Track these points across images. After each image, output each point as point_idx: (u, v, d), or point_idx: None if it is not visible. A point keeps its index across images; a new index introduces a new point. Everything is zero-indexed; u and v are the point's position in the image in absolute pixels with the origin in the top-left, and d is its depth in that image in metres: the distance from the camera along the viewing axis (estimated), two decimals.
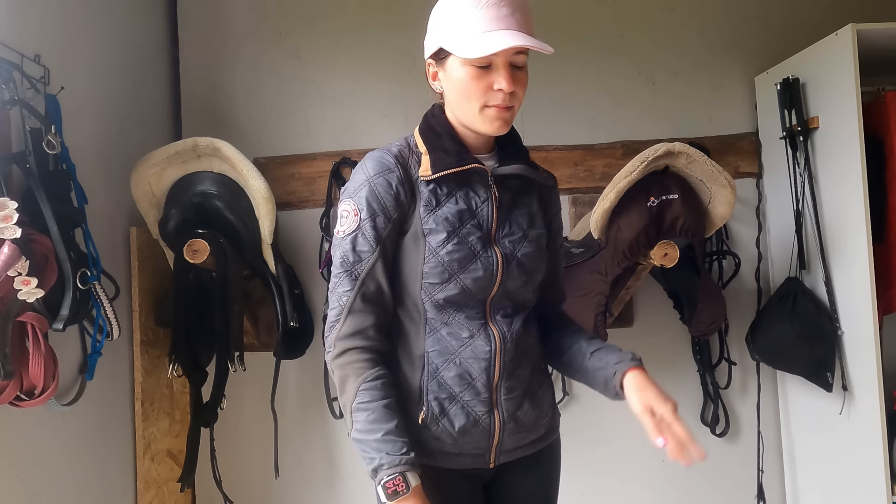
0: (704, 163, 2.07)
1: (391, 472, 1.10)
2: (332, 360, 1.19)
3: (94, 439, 1.92)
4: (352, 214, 1.20)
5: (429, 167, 1.23)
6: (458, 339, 1.23)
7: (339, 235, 1.22)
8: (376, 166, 1.23)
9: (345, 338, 1.19)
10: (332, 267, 1.23)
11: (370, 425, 1.13)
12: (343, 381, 1.18)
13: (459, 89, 1.21)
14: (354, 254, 1.20)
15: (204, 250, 1.99)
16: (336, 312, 1.20)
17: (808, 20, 2.44)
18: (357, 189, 1.22)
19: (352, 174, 1.27)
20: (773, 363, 2.33)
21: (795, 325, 2.13)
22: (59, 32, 1.85)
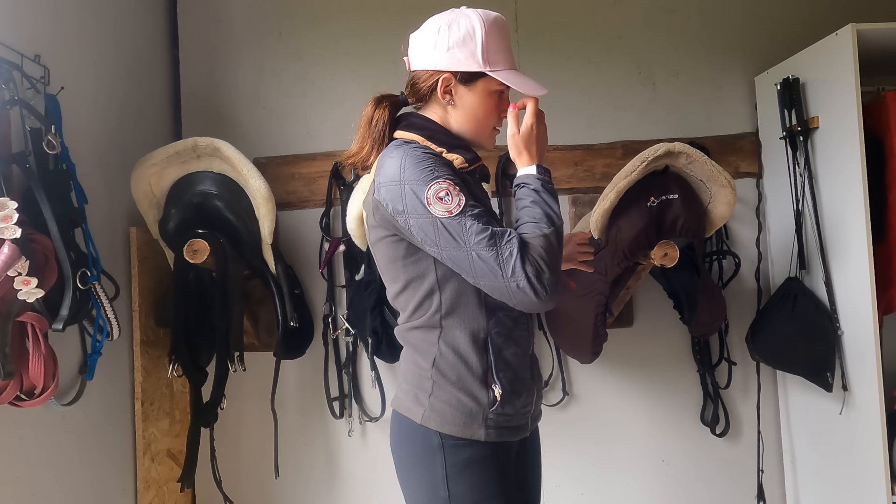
0: (704, 163, 2.07)
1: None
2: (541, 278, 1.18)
3: (94, 439, 1.92)
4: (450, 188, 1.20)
5: (463, 160, 1.30)
6: (510, 317, 1.32)
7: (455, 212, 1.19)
8: (419, 152, 1.25)
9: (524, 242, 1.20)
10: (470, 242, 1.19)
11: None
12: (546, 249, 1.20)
13: (480, 111, 1.32)
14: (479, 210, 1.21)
15: (204, 250, 1.99)
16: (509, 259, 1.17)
17: (808, 20, 2.44)
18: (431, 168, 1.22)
19: (403, 167, 1.23)
20: (773, 363, 2.33)
21: (795, 325, 2.14)
22: (59, 32, 1.85)
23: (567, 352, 2.43)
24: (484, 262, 1.18)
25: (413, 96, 1.37)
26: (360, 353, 2.47)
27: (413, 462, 1.33)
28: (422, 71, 1.34)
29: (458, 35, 1.28)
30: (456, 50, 1.28)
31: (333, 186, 2.45)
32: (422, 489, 1.31)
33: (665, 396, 2.50)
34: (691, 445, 2.49)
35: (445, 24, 1.30)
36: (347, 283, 2.41)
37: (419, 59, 1.34)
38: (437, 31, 1.30)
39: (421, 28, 1.37)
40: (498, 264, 1.17)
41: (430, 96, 1.35)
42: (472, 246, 1.18)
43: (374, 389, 2.41)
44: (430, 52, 1.31)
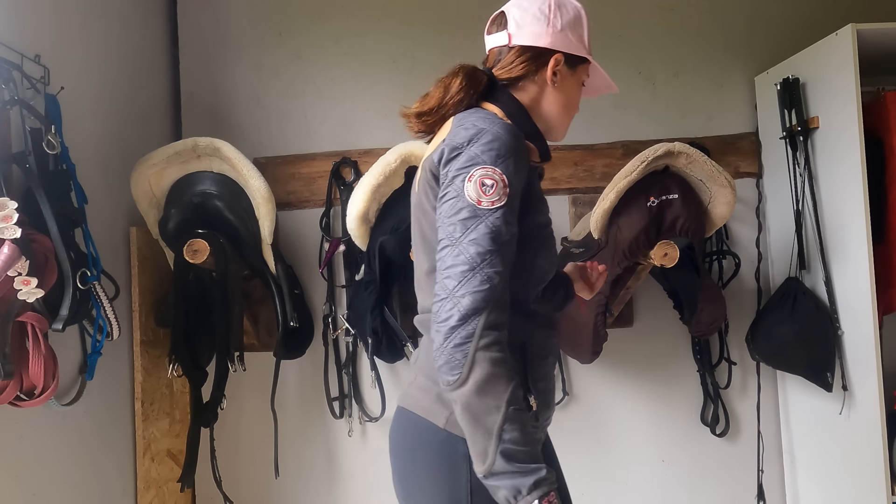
0: (704, 163, 2.07)
1: (549, 487, 0.99)
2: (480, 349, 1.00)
3: (94, 439, 1.92)
4: (500, 185, 1.06)
5: (537, 155, 1.23)
6: (548, 325, 1.25)
7: (484, 205, 1.04)
8: (517, 142, 1.12)
9: (493, 328, 1.01)
10: (462, 238, 1.04)
11: (526, 437, 1.00)
12: (493, 379, 0.99)
13: (574, 97, 1.27)
14: (508, 227, 1.05)
15: (204, 250, 1.99)
16: (483, 297, 1.01)
17: (808, 20, 2.44)
18: (500, 157, 1.07)
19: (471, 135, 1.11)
20: (773, 363, 2.33)
21: (795, 325, 2.13)
22: (59, 32, 1.85)
23: (567, 352, 2.43)
24: (452, 269, 1.04)
25: (507, 73, 1.24)
26: (360, 353, 2.47)
27: (428, 471, 1.16)
28: (529, 46, 1.23)
29: (569, 17, 1.24)
30: (569, 31, 1.23)
31: (333, 186, 2.45)
32: (435, 496, 1.15)
33: (665, 396, 2.50)
34: (691, 445, 2.49)
35: (553, 3, 1.23)
36: (347, 283, 2.41)
37: (528, 35, 1.22)
38: (550, 10, 1.23)
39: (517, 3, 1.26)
40: (453, 287, 1.03)
41: (530, 74, 1.24)
42: (458, 243, 1.05)
43: (374, 389, 2.41)
44: (543, 30, 1.22)
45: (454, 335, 1.00)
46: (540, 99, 1.25)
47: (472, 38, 2.53)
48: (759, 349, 2.29)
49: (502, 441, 0.98)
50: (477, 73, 1.25)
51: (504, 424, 0.98)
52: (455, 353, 1.00)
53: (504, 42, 1.25)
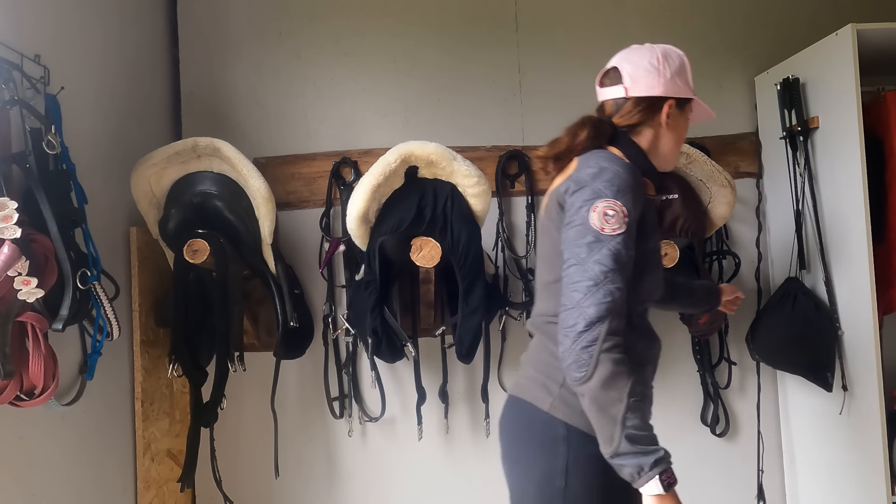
0: (704, 163, 2.08)
1: (668, 464, 1.17)
2: (601, 353, 1.18)
3: (93, 439, 1.92)
4: (620, 215, 1.24)
5: (653, 189, 1.42)
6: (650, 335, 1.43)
7: (606, 232, 1.24)
8: (635, 178, 1.31)
9: (614, 334, 1.20)
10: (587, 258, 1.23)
11: (646, 424, 1.19)
12: (616, 376, 1.18)
13: (682, 134, 1.47)
14: (627, 251, 1.24)
15: (204, 250, 1.99)
16: (606, 308, 1.20)
17: (808, 20, 2.44)
18: (621, 191, 1.26)
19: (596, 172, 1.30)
20: (773, 363, 2.33)
21: (795, 325, 2.13)
22: (59, 32, 1.85)
23: None
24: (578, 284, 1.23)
25: (628, 120, 1.43)
26: (360, 353, 2.47)
27: (531, 447, 1.35)
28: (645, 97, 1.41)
29: (675, 66, 1.43)
30: (677, 79, 1.42)
31: (333, 186, 2.45)
32: (535, 476, 1.33)
33: (665, 396, 2.49)
34: (691, 445, 2.49)
35: (661, 56, 1.43)
36: (347, 283, 2.41)
37: (643, 87, 1.41)
38: (659, 62, 1.42)
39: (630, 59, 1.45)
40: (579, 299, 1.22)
41: (647, 120, 1.42)
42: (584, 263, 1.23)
43: (374, 389, 2.41)
44: (655, 81, 1.41)
45: (580, 339, 1.19)
46: (657, 139, 1.44)
47: (472, 39, 2.55)
48: (759, 349, 2.29)
49: (626, 427, 1.17)
50: (601, 123, 1.43)
51: (626, 413, 1.17)
52: (582, 354, 1.19)
53: (621, 95, 1.43)
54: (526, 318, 2.43)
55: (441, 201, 2.01)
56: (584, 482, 1.28)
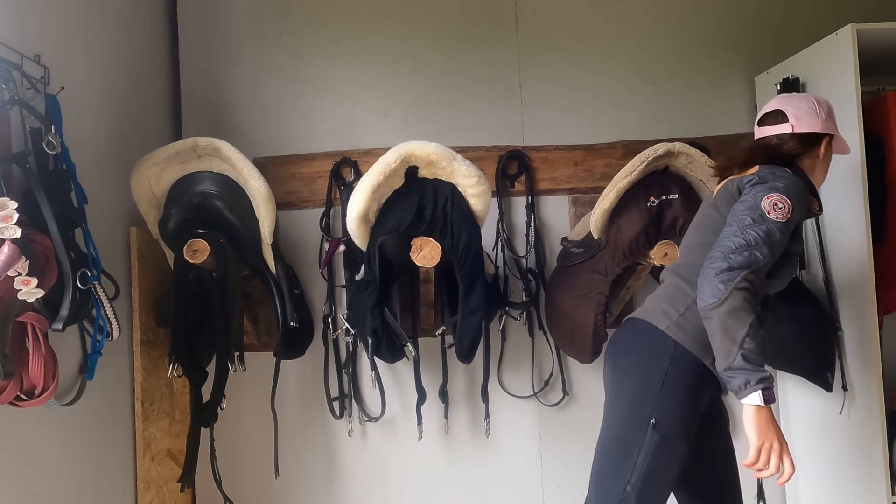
0: (704, 163, 2.07)
1: (770, 383, 1.40)
2: (734, 289, 1.41)
3: (94, 439, 1.92)
4: (786, 209, 1.50)
5: (818, 206, 1.66)
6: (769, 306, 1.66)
7: (771, 216, 1.49)
8: (804, 190, 1.59)
9: (750, 282, 1.43)
10: (748, 227, 1.48)
11: (759, 350, 1.41)
12: (738, 310, 1.41)
13: (828, 165, 1.75)
14: (779, 237, 1.48)
15: (204, 250, 1.99)
16: (747, 261, 1.44)
17: (808, 20, 2.44)
18: (792, 193, 1.53)
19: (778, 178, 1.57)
20: (774, 363, 2.33)
21: (795, 326, 2.13)
22: (59, 32, 1.85)
23: (567, 352, 2.43)
24: (733, 239, 1.47)
25: (794, 149, 1.69)
26: (360, 353, 2.47)
27: (640, 356, 1.63)
28: (808, 133, 1.68)
29: (826, 109, 1.71)
30: (829, 120, 1.71)
31: (333, 186, 2.45)
32: (636, 377, 1.61)
33: None
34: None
35: (814, 100, 1.71)
36: (347, 283, 2.41)
37: (804, 123, 1.68)
38: (812, 105, 1.70)
39: (789, 102, 1.73)
40: (730, 249, 1.46)
41: (807, 150, 1.69)
42: (744, 228, 1.48)
43: (374, 389, 2.41)
44: (813, 119, 1.68)
45: (721, 275, 1.43)
46: (813, 168, 1.71)
47: (472, 39, 2.55)
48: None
49: (742, 348, 1.39)
50: (778, 148, 1.70)
51: (745, 337, 1.40)
52: (719, 285, 1.42)
53: (787, 131, 1.70)
54: (526, 318, 2.44)
55: (441, 201, 2.01)
56: (674, 390, 1.55)
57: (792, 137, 1.70)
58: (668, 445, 1.53)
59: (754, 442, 1.45)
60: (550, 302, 2.34)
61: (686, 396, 1.56)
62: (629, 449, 1.55)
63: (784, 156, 1.69)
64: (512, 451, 2.50)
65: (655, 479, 1.54)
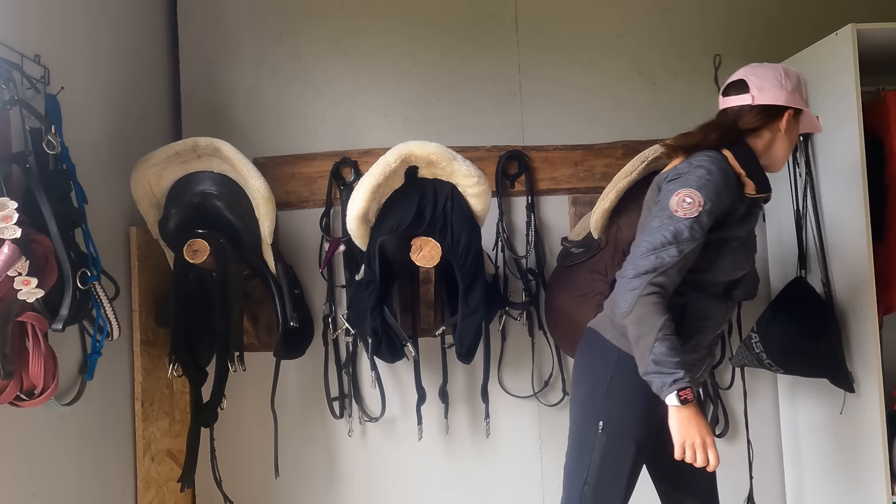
0: None
1: (685, 384, 1.43)
2: (641, 295, 1.46)
3: (94, 439, 1.92)
4: (695, 204, 1.49)
5: (754, 188, 1.57)
6: (720, 308, 1.65)
7: (679, 214, 1.50)
8: (723, 176, 1.53)
9: (653, 284, 1.47)
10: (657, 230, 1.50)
11: (671, 351, 1.44)
12: (646, 315, 1.46)
13: (793, 140, 1.67)
14: (689, 234, 1.49)
15: (204, 250, 1.99)
16: (654, 266, 1.47)
17: (808, 20, 2.44)
18: (704, 186, 1.51)
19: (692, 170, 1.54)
20: (788, 367, 2.21)
21: (808, 328, 2.07)
22: (59, 32, 1.85)
23: (567, 351, 2.43)
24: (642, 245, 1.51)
25: (751, 124, 1.63)
26: (360, 353, 2.47)
27: (591, 365, 1.71)
28: (769, 105, 1.62)
29: (794, 81, 1.64)
30: (796, 93, 1.64)
31: (333, 186, 2.45)
32: (587, 384, 1.70)
33: None
34: None
35: (782, 71, 1.65)
36: (347, 283, 2.41)
37: (766, 94, 1.62)
38: (781, 77, 1.64)
39: (755, 72, 1.67)
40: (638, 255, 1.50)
41: (766, 125, 1.63)
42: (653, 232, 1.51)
43: (374, 389, 2.41)
44: (777, 91, 1.62)
45: (630, 282, 1.49)
46: (773, 143, 1.65)
47: (472, 39, 2.55)
48: (772, 353, 2.16)
49: (653, 353, 1.44)
50: (731, 127, 1.63)
51: (654, 343, 1.44)
52: (627, 295, 1.48)
53: (748, 102, 1.63)
54: (526, 318, 2.44)
55: (441, 201, 2.01)
56: (621, 394, 1.61)
57: (751, 109, 1.64)
58: (618, 446, 1.61)
59: (677, 439, 1.48)
60: (550, 302, 2.34)
61: (634, 400, 1.60)
62: (583, 451, 1.65)
63: (736, 133, 1.63)
64: (512, 451, 2.50)
65: (608, 479, 1.63)
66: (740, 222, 1.59)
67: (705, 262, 1.56)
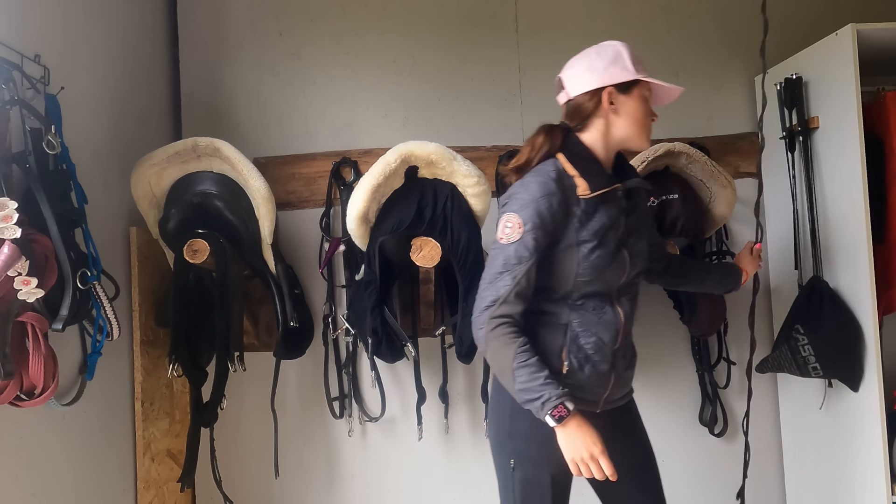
0: (705, 163, 2.08)
1: (556, 402, 1.42)
2: (487, 332, 1.48)
3: (94, 439, 1.92)
4: (516, 227, 1.48)
5: (586, 188, 1.51)
6: (596, 315, 1.56)
7: (503, 241, 1.50)
8: (541, 189, 1.49)
9: (499, 317, 1.47)
10: (492, 261, 1.51)
11: (532, 375, 1.44)
12: (498, 349, 1.48)
13: (640, 113, 1.57)
14: (515, 257, 1.47)
15: (204, 250, 1.99)
16: (492, 297, 1.48)
17: (808, 20, 2.44)
18: (523, 206, 1.48)
19: (516, 191, 1.53)
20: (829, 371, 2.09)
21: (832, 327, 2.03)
22: (59, 32, 1.85)
23: None
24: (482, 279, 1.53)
25: (575, 120, 1.58)
26: (360, 353, 2.47)
27: (494, 402, 1.70)
28: (583, 94, 1.56)
29: (608, 57, 1.55)
30: (612, 68, 1.54)
31: (333, 186, 2.45)
32: (493, 423, 1.70)
33: (664, 396, 2.50)
34: (690, 445, 2.49)
35: (594, 53, 1.57)
36: (347, 283, 2.41)
37: (578, 85, 1.56)
38: (590, 59, 1.56)
39: (570, 66, 1.61)
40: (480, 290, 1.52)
41: (593, 114, 1.56)
42: (488, 264, 1.52)
43: (374, 389, 2.41)
44: (588, 76, 1.55)
45: (477, 321, 1.50)
46: (608, 127, 1.56)
47: (472, 38, 2.55)
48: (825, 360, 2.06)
49: (517, 383, 1.45)
50: (554, 129, 1.59)
51: (514, 373, 1.45)
52: (478, 332, 1.50)
53: (566, 99, 1.59)
54: None
55: (441, 201, 2.01)
56: (520, 426, 1.57)
57: (569, 106, 1.59)
58: (534, 480, 1.60)
59: (567, 458, 1.46)
60: None
61: (535, 432, 1.53)
62: (506, 489, 1.65)
63: (562, 134, 1.57)
64: None
65: None
66: (583, 225, 1.51)
67: (562, 274, 1.52)
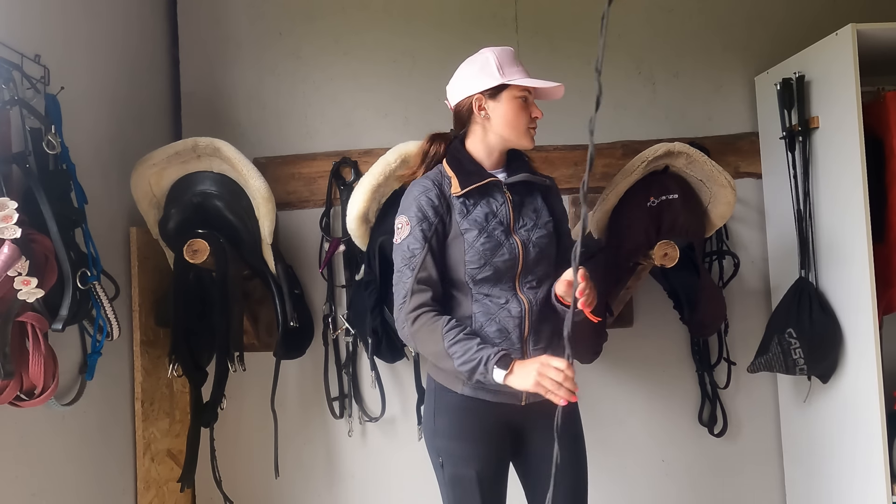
0: (704, 163, 2.07)
1: (496, 356, 1.47)
2: (409, 328, 1.56)
3: (94, 439, 1.92)
4: (404, 225, 1.61)
5: (458, 186, 1.63)
6: (496, 304, 1.61)
7: (397, 242, 1.61)
8: (419, 188, 1.63)
9: (413, 310, 1.55)
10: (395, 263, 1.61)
11: (465, 346, 1.50)
12: (426, 338, 1.54)
13: (510, 115, 1.64)
14: (409, 252, 1.58)
15: (204, 250, 1.99)
16: (402, 295, 1.57)
17: (808, 20, 2.44)
18: (407, 207, 1.62)
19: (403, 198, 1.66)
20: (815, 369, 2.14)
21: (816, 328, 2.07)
22: (59, 32, 1.85)
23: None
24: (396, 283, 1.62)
25: (459, 126, 1.71)
26: (360, 353, 2.47)
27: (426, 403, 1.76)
28: (458, 103, 1.68)
29: (477, 66, 1.65)
30: (480, 75, 1.64)
31: (333, 186, 2.45)
32: (424, 421, 1.76)
33: (664, 396, 2.50)
34: (690, 445, 2.49)
35: (467, 63, 1.69)
36: (347, 283, 2.41)
37: (454, 94, 1.69)
38: (463, 69, 1.68)
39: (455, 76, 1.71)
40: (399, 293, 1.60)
41: (469, 119, 1.68)
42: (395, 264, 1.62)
43: (374, 389, 2.41)
44: (461, 85, 1.67)
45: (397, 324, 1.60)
46: (485, 132, 1.67)
47: (472, 38, 2.54)
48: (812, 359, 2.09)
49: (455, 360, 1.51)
50: (438, 138, 1.73)
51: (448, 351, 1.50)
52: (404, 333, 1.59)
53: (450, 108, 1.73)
54: None
55: None
56: (446, 426, 1.66)
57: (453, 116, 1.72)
58: (460, 476, 1.64)
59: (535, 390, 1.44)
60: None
61: (457, 428, 1.64)
62: (440, 486, 1.70)
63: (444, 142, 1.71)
64: None
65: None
66: (464, 217, 1.62)
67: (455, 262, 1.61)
